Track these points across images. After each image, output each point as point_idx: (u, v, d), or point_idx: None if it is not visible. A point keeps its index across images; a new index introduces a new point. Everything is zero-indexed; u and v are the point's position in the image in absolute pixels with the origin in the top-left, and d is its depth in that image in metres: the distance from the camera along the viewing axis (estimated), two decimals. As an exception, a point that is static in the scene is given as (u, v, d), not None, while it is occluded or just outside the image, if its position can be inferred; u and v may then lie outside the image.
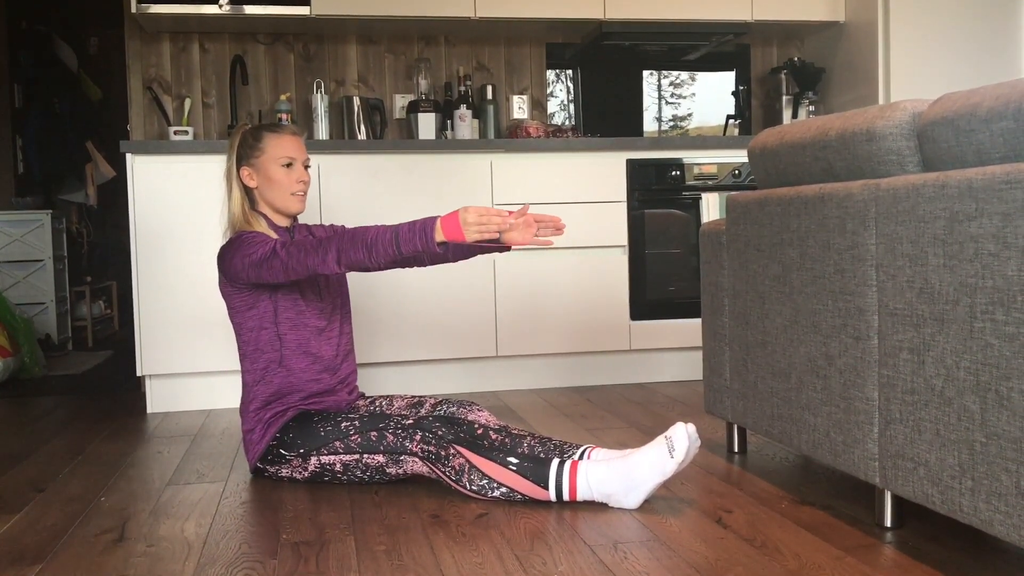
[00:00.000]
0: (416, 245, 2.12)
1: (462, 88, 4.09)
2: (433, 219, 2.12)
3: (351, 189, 3.54)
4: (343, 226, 2.65)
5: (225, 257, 2.35)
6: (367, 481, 2.33)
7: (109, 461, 2.72)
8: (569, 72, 4.39)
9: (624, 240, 3.76)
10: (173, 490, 2.39)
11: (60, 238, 5.65)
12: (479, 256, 3.60)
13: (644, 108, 4.47)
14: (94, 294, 6.24)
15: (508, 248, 2.39)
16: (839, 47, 4.24)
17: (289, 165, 2.45)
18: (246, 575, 1.76)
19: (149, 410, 3.50)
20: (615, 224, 3.75)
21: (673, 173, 3.79)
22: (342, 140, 3.69)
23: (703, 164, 3.82)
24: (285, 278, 2.26)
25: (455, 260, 2.49)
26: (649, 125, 4.47)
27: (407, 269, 3.55)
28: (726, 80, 4.55)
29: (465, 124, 4.02)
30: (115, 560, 1.87)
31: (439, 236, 2.11)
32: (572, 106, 4.40)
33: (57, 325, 5.38)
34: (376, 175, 3.56)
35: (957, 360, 1.61)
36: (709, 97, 4.54)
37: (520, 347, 3.70)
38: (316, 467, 2.33)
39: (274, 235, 2.46)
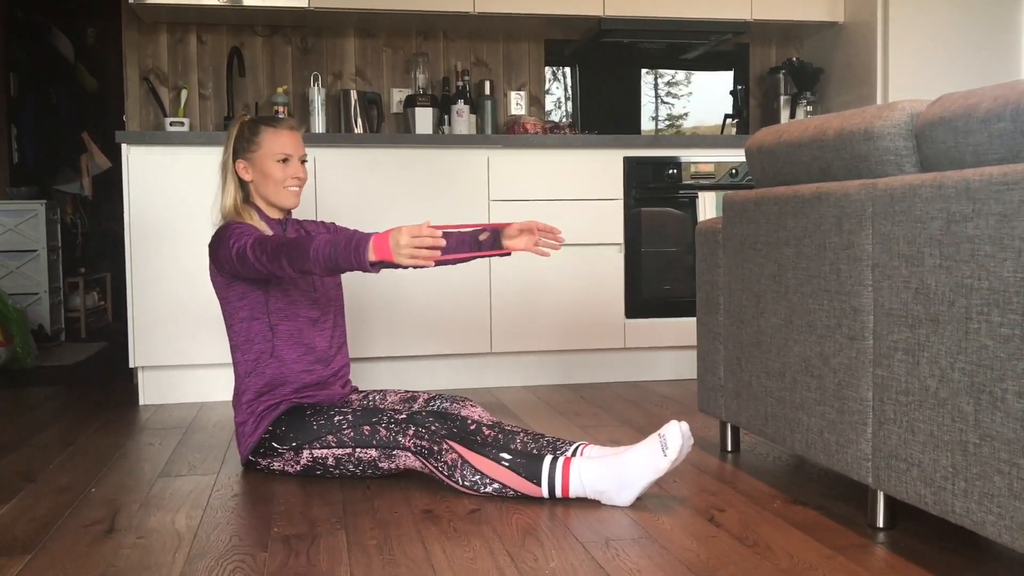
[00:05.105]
0: (351, 262, 2.06)
1: (460, 83, 4.08)
2: (367, 237, 2.06)
3: (347, 183, 3.53)
4: (333, 223, 2.64)
5: (214, 246, 2.35)
6: (359, 475, 2.33)
7: (100, 452, 2.71)
8: (567, 69, 4.39)
9: (620, 238, 3.76)
10: (164, 482, 2.38)
11: (54, 228, 5.62)
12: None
13: (642, 106, 4.46)
14: (88, 285, 6.22)
15: (509, 253, 2.46)
16: (838, 47, 4.24)
17: (285, 161, 2.44)
18: (236, 568, 1.75)
19: (141, 402, 3.49)
20: (611, 222, 3.74)
21: (670, 171, 3.79)
22: (339, 134, 3.68)
23: (700, 163, 3.82)
24: (259, 277, 2.28)
25: (455, 263, 2.44)
26: (647, 123, 4.47)
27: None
28: (724, 79, 4.54)
29: (462, 119, 4.01)
30: (105, 551, 1.86)
31: (371, 256, 2.05)
32: (570, 103, 4.39)
33: (50, 316, 5.36)
34: (372, 169, 3.55)
35: (952, 361, 1.61)
36: (707, 96, 4.53)
37: (515, 344, 3.69)
38: (308, 461, 2.33)
39: (265, 228, 2.44)
